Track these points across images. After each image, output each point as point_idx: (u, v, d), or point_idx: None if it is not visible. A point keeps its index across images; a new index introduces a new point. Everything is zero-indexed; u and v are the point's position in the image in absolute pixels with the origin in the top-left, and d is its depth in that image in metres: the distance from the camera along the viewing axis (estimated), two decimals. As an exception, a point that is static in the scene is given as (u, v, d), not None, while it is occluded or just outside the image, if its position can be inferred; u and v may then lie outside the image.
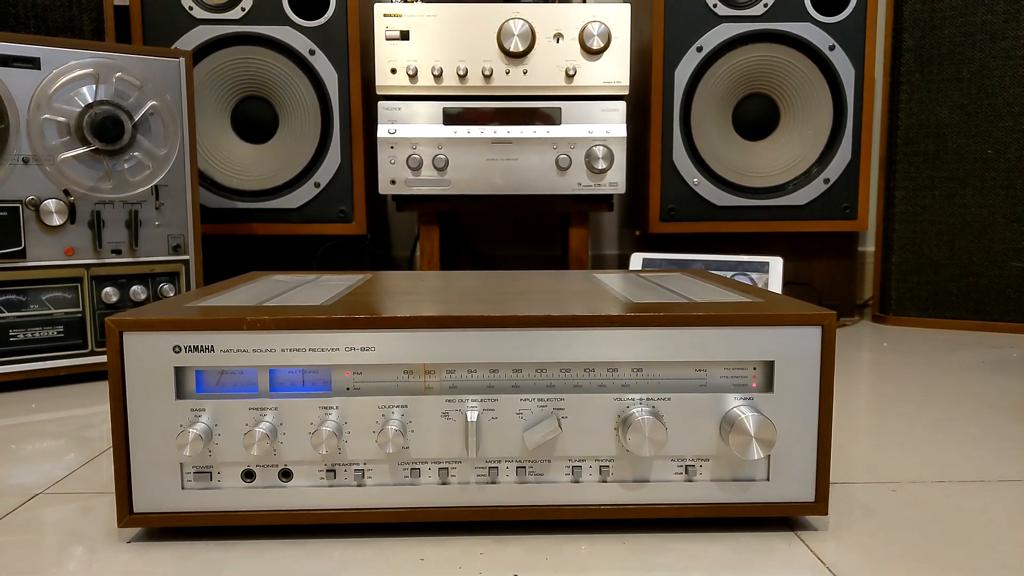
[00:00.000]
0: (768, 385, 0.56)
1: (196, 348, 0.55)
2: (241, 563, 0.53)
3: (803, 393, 0.56)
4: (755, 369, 0.57)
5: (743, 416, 0.55)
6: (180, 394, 0.55)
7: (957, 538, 0.56)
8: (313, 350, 0.55)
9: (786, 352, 0.56)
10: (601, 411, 0.56)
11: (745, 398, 0.56)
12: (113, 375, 0.54)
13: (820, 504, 0.57)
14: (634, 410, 0.56)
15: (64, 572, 0.52)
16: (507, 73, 1.34)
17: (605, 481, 0.57)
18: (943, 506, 0.62)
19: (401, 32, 1.34)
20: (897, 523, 0.59)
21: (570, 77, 1.34)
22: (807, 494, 0.57)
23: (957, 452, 0.76)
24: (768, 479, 0.57)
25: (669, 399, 0.56)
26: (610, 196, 1.40)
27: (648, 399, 0.56)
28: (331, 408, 0.56)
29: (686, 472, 0.57)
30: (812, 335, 0.56)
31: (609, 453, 0.57)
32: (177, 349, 0.55)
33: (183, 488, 0.56)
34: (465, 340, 0.55)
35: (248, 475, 0.56)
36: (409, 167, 1.34)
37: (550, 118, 1.35)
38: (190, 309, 0.58)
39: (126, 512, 0.55)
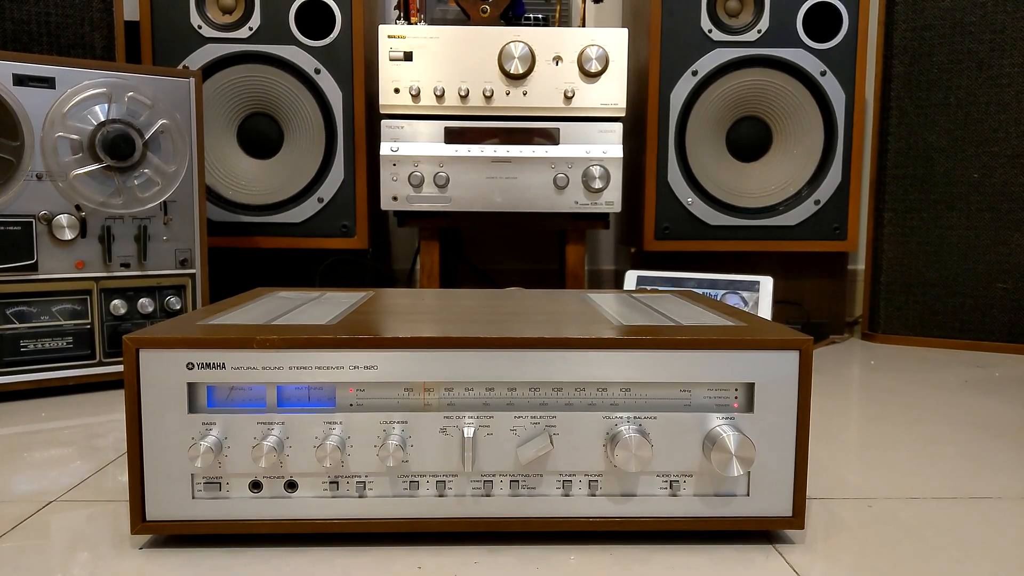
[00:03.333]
0: (749, 405, 0.60)
1: (208, 365, 0.58)
2: (248, 570, 0.56)
3: (782, 413, 0.59)
4: (737, 390, 0.60)
5: (724, 435, 0.58)
6: (192, 408, 0.58)
7: (928, 553, 0.59)
8: (319, 368, 0.58)
9: (766, 375, 0.59)
10: (591, 428, 0.59)
11: (727, 418, 0.59)
12: (129, 390, 0.58)
13: (797, 519, 0.60)
14: (622, 428, 0.59)
15: (81, 576, 0.55)
16: (507, 94, 1.38)
17: (594, 495, 0.60)
18: (915, 522, 0.65)
19: (405, 53, 1.37)
20: (871, 538, 0.62)
21: (568, 99, 1.38)
22: (785, 509, 0.60)
23: (934, 470, 0.79)
24: (748, 494, 0.60)
25: (655, 418, 0.59)
26: (606, 215, 1.43)
27: (635, 417, 0.59)
28: (335, 423, 0.59)
29: (670, 487, 0.60)
30: (790, 359, 0.59)
31: (598, 468, 0.60)
32: (190, 366, 0.58)
33: (194, 498, 0.59)
34: (462, 360, 0.59)
35: (255, 486, 0.59)
36: (411, 184, 1.38)
37: (549, 138, 1.38)
38: (202, 328, 0.61)
39: (139, 520, 0.58)
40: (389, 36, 1.37)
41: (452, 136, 1.38)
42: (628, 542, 0.60)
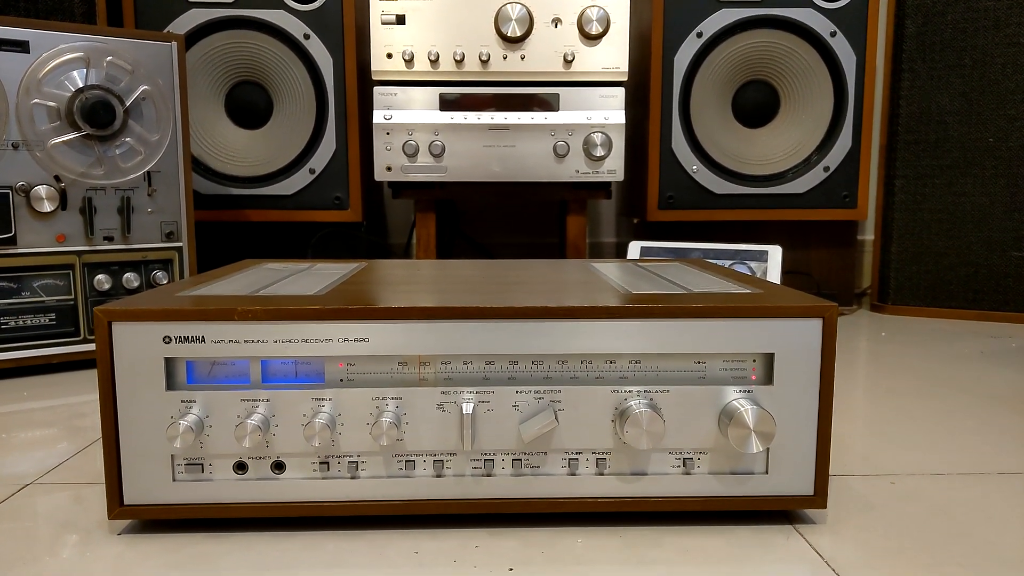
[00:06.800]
0: (768, 378, 0.56)
1: (187, 339, 0.54)
2: (233, 556, 0.52)
3: (803, 386, 0.55)
4: (755, 361, 0.56)
5: (742, 409, 0.54)
6: (171, 385, 0.54)
7: (955, 532, 0.56)
8: (306, 341, 0.54)
9: (786, 344, 0.55)
10: (598, 403, 0.55)
11: (744, 391, 0.55)
12: (102, 366, 0.54)
13: (819, 497, 0.56)
14: (632, 402, 0.55)
15: (55, 563, 0.51)
16: (504, 58, 1.32)
17: (602, 474, 0.56)
18: (941, 499, 0.62)
19: (397, 16, 1.32)
20: (895, 516, 0.58)
21: (568, 63, 1.33)
22: (806, 487, 0.56)
23: (955, 444, 0.76)
24: (767, 472, 0.56)
25: (667, 391, 0.55)
26: (608, 183, 1.38)
27: (646, 391, 0.55)
28: (324, 400, 0.55)
29: (684, 465, 0.56)
30: (813, 327, 0.55)
31: (606, 446, 0.56)
32: (167, 340, 0.54)
33: (174, 480, 0.55)
34: (461, 331, 0.54)
35: (240, 467, 0.55)
36: (405, 153, 1.33)
37: (548, 104, 1.33)
38: (181, 299, 0.57)
39: (116, 504, 0.55)
40: (381, -2, 1.31)
41: (447, 103, 1.33)
42: (638, 524, 0.57)
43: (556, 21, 1.32)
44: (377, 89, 1.33)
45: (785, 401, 0.55)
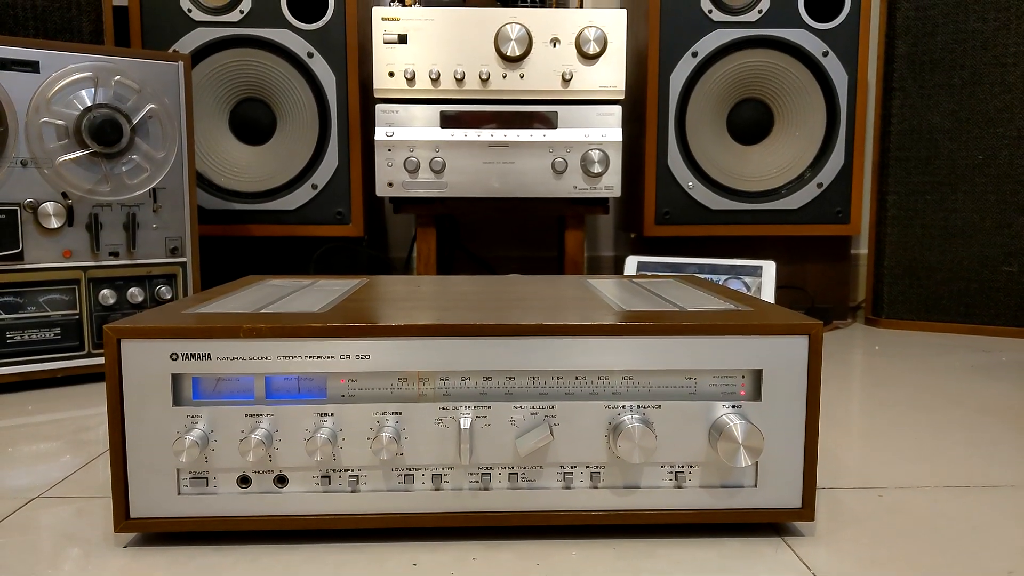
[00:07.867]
0: (756, 393, 0.57)
1: (193, 355, 0.56)
2: (237, 568, 0.54)
3: (790, 401, 0.57)
4: (743, 377, 0.58)
5: (731, 424, 0.55)
6: (177, 401, 0.56)
7: (942, 544, 0.57)
8: (308, 358, 0.56)
9: (774, 361, 0.57)
10: (592, 418, 0.57)
11: (734, 406, 0.57)
12: (111, 382, 0.55)
13: (807, 510, 0.58)
14: (625, 417, 0.56)
15: (62, 576, 0.53)
16: (504, 77, 1.35)
17: (596, 487, 0.58)
18: (929, 512, 0.63)
19: (399, 36, 1.34)
20: (883, 529, 0.60)
21: (566, 81, 1.35)
22: (794, 500, 0.58)
23: (944, 457, 0.77)
24: (756, 485, 0.58)
25: (659, 407, 0.57)
26: (606, 199, 1.41)
27: (639, 407, 0.57)
28: (326, 415, 0.56)
29: (675, 479, 0.58)
30: (799, 344, 0.57)
31: (600, 460, 0.58)
32: (174, 356, 0.55)
33: (179, 494, 0.57)
34: (459, 348, 0.56)
35: (244, 481, 0.57)
36: (406, 169, 1.35)
37: (547, 122, 1.36)
38: (187, 316, 0.59)
39: (122, 517, 0.56)
40: (383, 19, 1.34)
41: (448, 120, 1.35)
42: (631, 536, 0.58)
43: (554, 41, 1.34)
44: (379, 106, 1.35)
45: (773, 416, 0.57)
